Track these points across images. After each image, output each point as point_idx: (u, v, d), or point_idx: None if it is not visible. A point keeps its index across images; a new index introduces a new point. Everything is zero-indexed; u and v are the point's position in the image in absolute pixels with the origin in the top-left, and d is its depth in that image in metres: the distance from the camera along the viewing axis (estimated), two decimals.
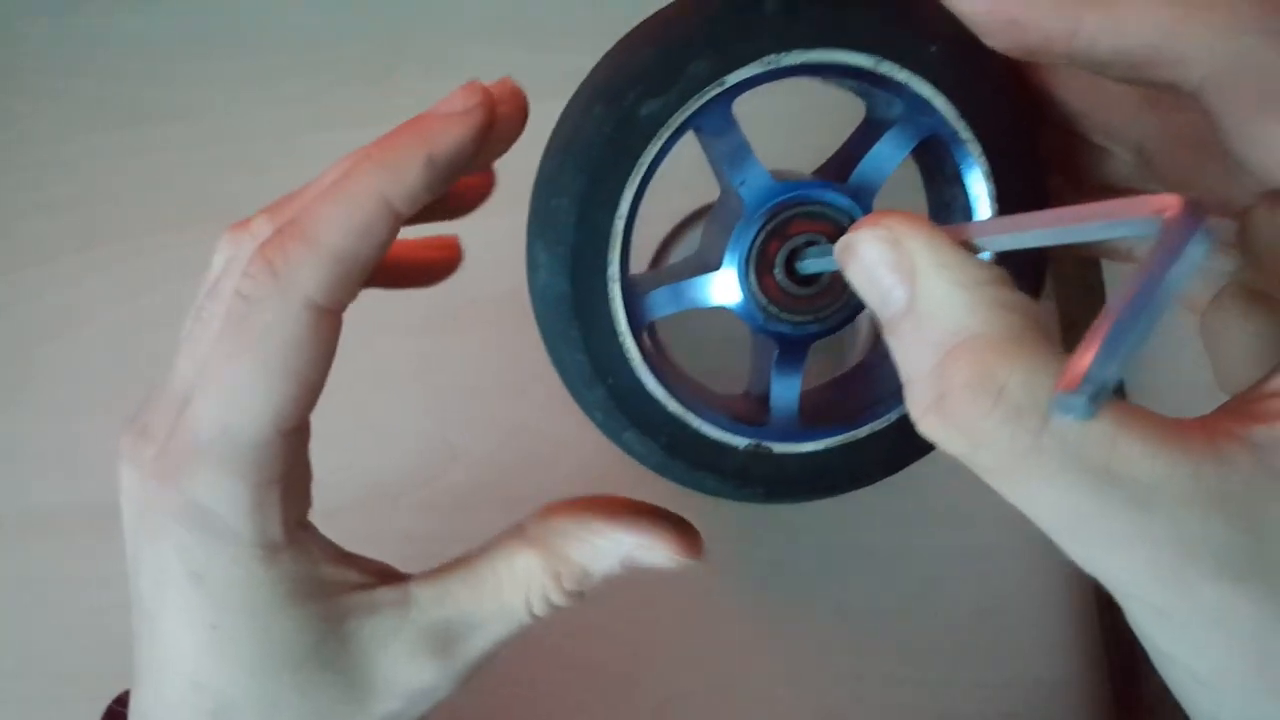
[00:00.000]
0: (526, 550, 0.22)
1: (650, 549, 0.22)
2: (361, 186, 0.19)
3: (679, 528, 0.22)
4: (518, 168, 0.24)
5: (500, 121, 0.19)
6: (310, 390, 0.19)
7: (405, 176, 0.19)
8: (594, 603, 0.24)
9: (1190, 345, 0.26)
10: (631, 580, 0.24)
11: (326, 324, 0.19)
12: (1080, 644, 0.38)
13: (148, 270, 0.44)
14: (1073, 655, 0.38)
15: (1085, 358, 0.12)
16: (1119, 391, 0.29)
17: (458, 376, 0.42)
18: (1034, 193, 0.20)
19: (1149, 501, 0.15)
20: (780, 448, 0.21)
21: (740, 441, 0.20)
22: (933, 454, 0.25)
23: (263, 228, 0.20)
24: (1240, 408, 0.16)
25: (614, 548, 0.22)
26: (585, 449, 0.38)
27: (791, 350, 0.21)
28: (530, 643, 0.24)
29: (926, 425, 0.16)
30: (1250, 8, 0.16)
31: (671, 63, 0.18)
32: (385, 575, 0.22)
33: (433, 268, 0.26)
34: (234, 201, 0.41)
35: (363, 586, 0.22)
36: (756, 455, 0.21)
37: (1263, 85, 0.16)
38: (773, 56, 0.18)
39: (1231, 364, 0.19)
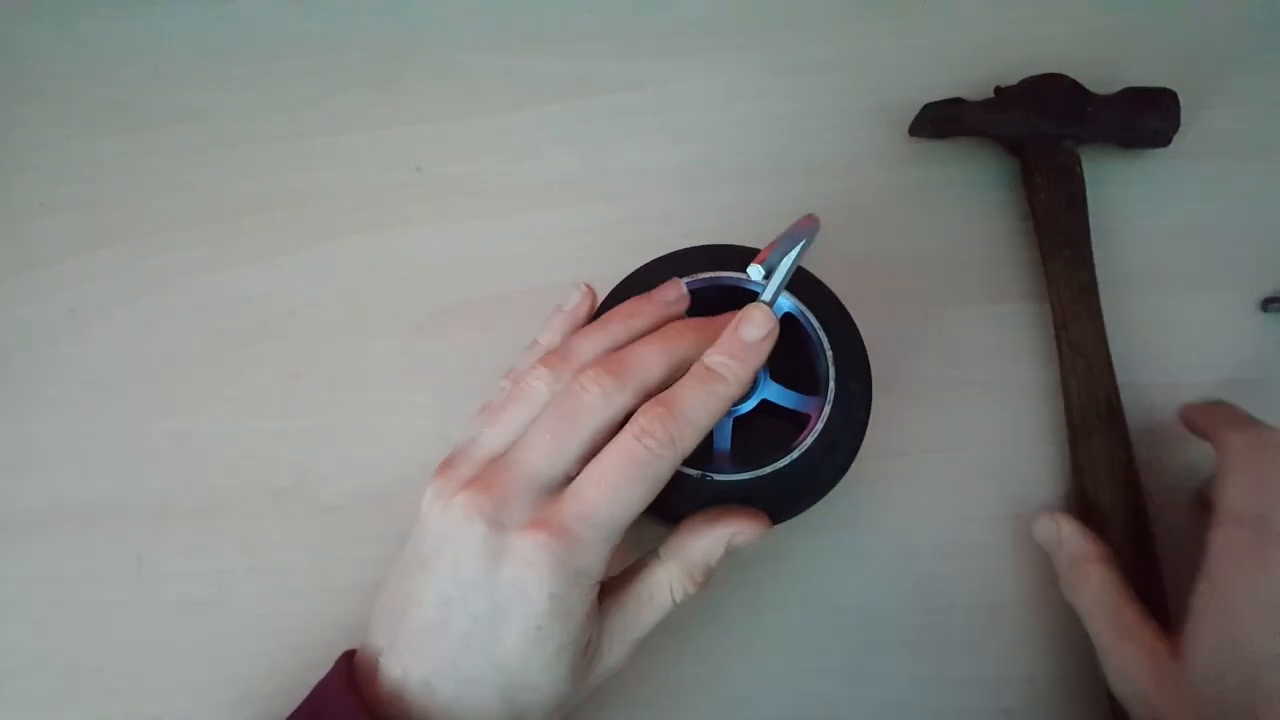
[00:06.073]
0: (662, 565, 0.34)
1: (741, 533, 0.34)
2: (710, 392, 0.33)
3: (751, 513, 0.34)
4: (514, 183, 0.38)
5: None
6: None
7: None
8: None
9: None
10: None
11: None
12: (1074, 640, 0.37)
13: (154, 271, 0.43)
14: (1067, 651, 0.38)
15: (765, 253, 0.31)
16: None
17: (455, 376, 0.42)
18: (849, 334, 0.37)
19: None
20: (719, 476, 0.36)
21: (695, 472, 0.36)
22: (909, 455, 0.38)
23: (589, 368, 0.33)
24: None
25: (719, 540, 0.34)
26: None
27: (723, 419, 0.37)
28: None
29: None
30: None
31: (645, 276, 0.37)
32: None
33: None
34: (240, 203, 0.43)
35: None
36: (703, 480, 0.36)
37: None
38: (697, 275, 0.37)
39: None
